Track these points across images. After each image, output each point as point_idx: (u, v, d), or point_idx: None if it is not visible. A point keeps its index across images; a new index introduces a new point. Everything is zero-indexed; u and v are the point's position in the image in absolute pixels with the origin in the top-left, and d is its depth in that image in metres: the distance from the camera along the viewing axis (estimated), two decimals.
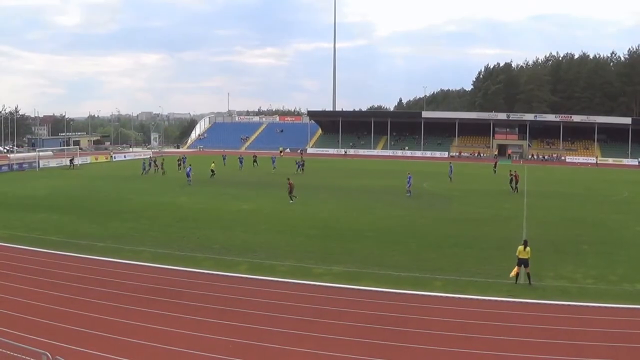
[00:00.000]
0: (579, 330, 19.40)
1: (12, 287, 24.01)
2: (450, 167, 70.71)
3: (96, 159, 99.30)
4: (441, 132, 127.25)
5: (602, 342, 18.28)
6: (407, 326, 19.63)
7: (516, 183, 57.55)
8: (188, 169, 65.07)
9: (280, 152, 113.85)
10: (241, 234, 35.13)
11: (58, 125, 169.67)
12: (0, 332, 17.44)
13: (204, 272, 26.40)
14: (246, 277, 25.63)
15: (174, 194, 53.22)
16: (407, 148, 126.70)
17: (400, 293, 23.29)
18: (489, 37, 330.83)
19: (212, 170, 70.09)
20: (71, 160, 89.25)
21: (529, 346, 17.86)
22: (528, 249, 24.29)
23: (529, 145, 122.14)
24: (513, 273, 24.40)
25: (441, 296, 22.91)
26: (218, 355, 17.07)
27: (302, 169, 77.83)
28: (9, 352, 14.77)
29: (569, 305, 21.86)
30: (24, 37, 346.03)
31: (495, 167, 78.42)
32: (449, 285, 24.18)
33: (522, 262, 24.25)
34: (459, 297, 22.76)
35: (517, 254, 24.53)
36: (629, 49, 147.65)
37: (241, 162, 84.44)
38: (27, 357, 14.34)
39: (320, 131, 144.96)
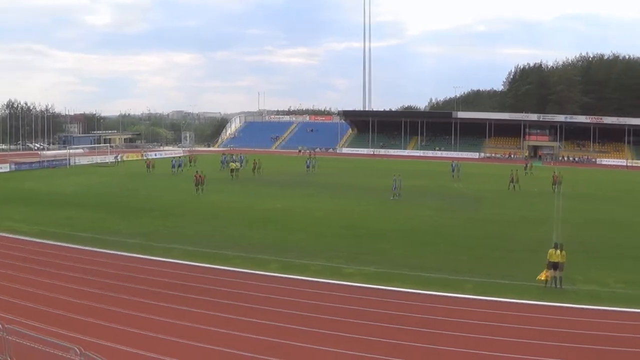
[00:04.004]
0: (608, 335, 19.19)
1: (42, 282, 24.51)
2: (452, 165, 72.10)
3: (127, 156, 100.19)
4: (473, 133, 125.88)
5: (631, 348, 18.12)
6: (435, 328, 19.60)
7: (555, 185, 57.35)
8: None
9: (299, 151, 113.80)
10: (272, 233, 35.35)
11: (90, 123, 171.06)
12: (30, 327, 17.71)
13: (234, 270, 26.63)
14: (276, 276, 25.78)
15: (207, 192, 53.50)
16: (438, 148, 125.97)
17: (429, 294, 23.26)
18: (519, 37, 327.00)
19: (233, 170, 70.64)
20: (116, 157, 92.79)
21: (556, 350, 17.72)
22: (563, 252, 24.02)
23: (560, 147, 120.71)
24: (542, 276, 24.28)
25: (469, 298, 22.85)
26: (246, 353, 17.21)
27: (313, 169, 77.89)
28: (38, 347, 14.93)
29: (598, 309, 21.65)
30: (55, 36, 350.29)
31: (526, 168, 77.74)
32: (479, 288, 24.10)
33: (554, 265, 24.01)
34: (488, 300, 22.66)
35: (548, 257, 24.30)
36: None
37: (179, 165, 78.78)
38: (56, 352, 14.48)
39: (351, 131, 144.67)
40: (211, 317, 20.29)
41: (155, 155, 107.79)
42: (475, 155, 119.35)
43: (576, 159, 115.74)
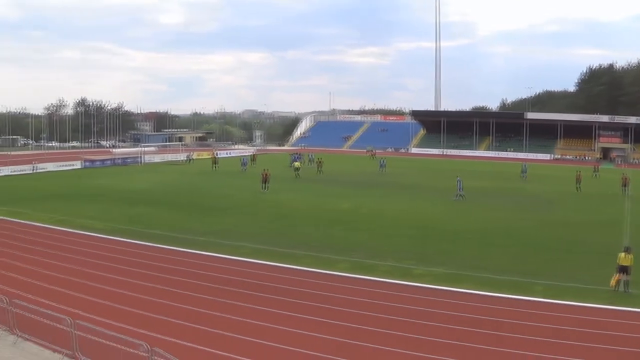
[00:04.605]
0: None
1: (112, 278, 24.92)
2: (523, 167, 72.68)
3: (199, 155, 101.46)
4: (544, 134, 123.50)
5: None
6: (503, 330, 19.29)
7: (624, 187, 56.57)
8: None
9: (369, 151, 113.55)
10: (341, 232, 35.25)
11: (162, 122, 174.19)
12: (99, 323, 17.93)
13: (303, 269, 26.63)
14: (345, 276, 25.69)
15: (276, 191, 53.75)
16: (510, 149, 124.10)
17: (498, 296, 22.96)
18: (590, 38, 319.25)
19: (297, 169, 71.10)
20: (188, 156, 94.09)
21: (623, 355, 17.35)
22: (630, 255, 23.48)
23: (632, 149, 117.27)
24: (613, 282, 23.68)
25: (537, 301, 22.47)
26: (315, 353, 17.15)
27: (384, 168, 77.53)
28: (108, 342, 15.07)
29: None
30: (126, 35, 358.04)
31: (595, 170, 75.81)
32: (548, 290, 23.68)
33: (623, 269, 23.46)
34: (556, 303, 22.22)
35: (617, 260, 23.74)
36: None
37: (244, 163, 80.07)
38: (125, 348, 14.61)
39: (422, 131, 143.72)
40: (280, 316, 20.28)
41: (228, 153, 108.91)
42: (547, 156, 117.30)
43: None
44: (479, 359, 17.09)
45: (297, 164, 73.25)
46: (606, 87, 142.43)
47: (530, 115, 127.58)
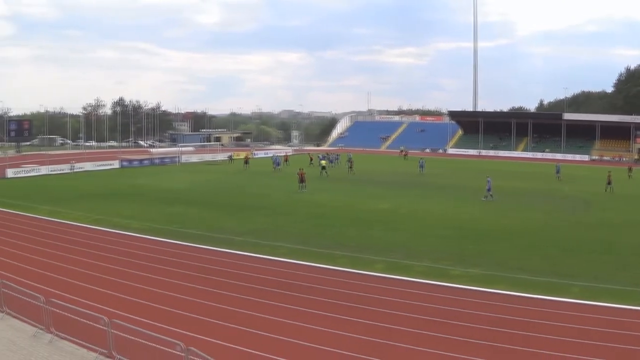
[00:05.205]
0: None
1: (149, 277, 25.21)
2: (557, 167, 72.33)
3: (238, 155, 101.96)
4: (582, 135, 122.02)
5: None
6: (537, 331, 19.09)
7: None
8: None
9: (401, 151, 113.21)
10: (378, 233, 35.13)
11: (200, 122, 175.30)
12: (136, 322, 18.06)
13: (340, 270, 26.62)
14: (382, 276, 25.64)
15: (312, 190, 53.84)
16: (548, 150, 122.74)
17: (534, 298, 22.77)
18: (629, 38, 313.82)
19: (323, 167, 71.15)
20: (229, 155, 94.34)
21: None
22: None
23: None
24: None
25: (573, 302, 22.25)
26: (351, 353, 17.14)
27: (422, 169, 77.14)
28: (144, 342, 15.15)
29: None
30: (164, 35, 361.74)
31: (630, 171, 74.50)
32: (585, 292, 23.43)
33: None
34: (593, 304, 21.98)
35: None
36: None
37: (278, 163, 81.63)
38: (161, 347, 14.68)
39: (460, 131, 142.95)
40: (316, 316, 20.34)
41: (266, 153, 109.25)
42: (585, 157, 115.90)
43: None
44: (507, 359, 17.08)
45: (323, 162, 73.47)
46: None
47: (568, 116, 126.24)
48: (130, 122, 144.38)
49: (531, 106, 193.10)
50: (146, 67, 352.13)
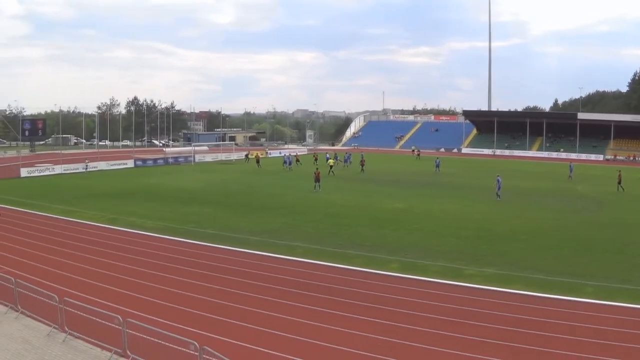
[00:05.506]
0: None
1: (164, 277, 25.21)
2: (570, 166, 71.24)
3: (252, 154, 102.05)
4: (596, 134, 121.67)
5: None
6: (552, 331, 19.03)
7: None
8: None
9: (413, 150, 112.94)
10: (393, 233, 35.04)
11: (214, 121, 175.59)
12: (150, 321, 18.03)
13: (355, 269, 26.55)
14: (397, 276, 25.60)
15: (327, 190, 53.74)
16: (562, 150, 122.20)
17: (549, 297, 22.70)
18: None
19: (331, 166, 71.38)
20: (246, 155, 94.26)
21: None
22: None
23: None
24: None
25: (587, 302, 22.20)
26: (367, 353, 17.08)
27: (438, 168, 76.98)
28: (158, 341, 15.08)
29: None
30: (179, 35, 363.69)
31: None
32: (600, 292, 23.35)
33: None
34: (607, 304, 21.93)
35: None
36: None
37: (289, 162, 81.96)
38: (175, 346, 14.62)
39: (475, 131, 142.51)
40: (332, 316, 20.28)
41: (280, 153, 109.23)
42: (599, 157, 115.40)
43: None
44: (523, 359, 17.03)
45: (330, 161, 74.13)
46: None
47: (582, 115, 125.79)
48: (145, 122, 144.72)
49: (546, 106, 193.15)
50: (161, 66, 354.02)
